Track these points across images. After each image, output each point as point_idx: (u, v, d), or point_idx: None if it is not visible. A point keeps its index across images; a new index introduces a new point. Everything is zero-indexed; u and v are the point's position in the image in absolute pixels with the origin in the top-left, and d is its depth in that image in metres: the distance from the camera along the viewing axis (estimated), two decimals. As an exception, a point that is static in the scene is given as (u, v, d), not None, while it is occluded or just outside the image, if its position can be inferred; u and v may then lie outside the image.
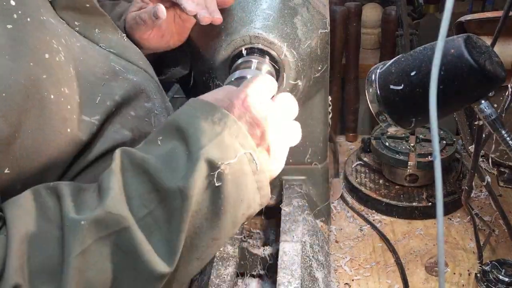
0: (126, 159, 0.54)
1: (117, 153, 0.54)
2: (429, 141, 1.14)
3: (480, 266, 0.91)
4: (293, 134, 0.64)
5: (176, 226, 0.52)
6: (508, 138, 0.63)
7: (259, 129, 0.58)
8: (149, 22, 0.78)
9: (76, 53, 0.61)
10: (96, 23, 0.68)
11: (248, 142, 0.56)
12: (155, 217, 0.52)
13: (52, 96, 0.55)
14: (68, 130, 0.57)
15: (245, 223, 0.96)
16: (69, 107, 0.57)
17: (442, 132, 1.18)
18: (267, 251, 0.93)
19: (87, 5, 0.65)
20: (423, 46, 0.66)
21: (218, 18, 0.74)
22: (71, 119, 0.57)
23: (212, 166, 0.53)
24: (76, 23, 0.65)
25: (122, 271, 0.51)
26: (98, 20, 0.68)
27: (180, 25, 0.84)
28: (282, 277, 0.79)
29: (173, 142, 0.55)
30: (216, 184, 0.53)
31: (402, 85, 0.64)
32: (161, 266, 0.51)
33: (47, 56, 0.55)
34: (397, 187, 1.16)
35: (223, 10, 0.80)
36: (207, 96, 0.59)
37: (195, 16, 0.73)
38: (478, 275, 0.85)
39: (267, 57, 0.77)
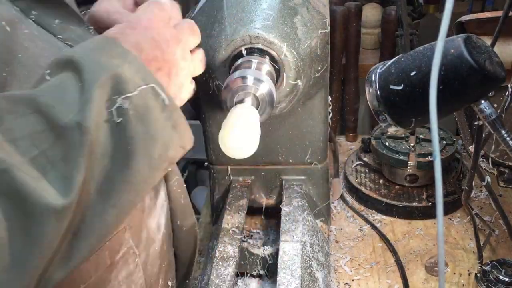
0: (6, 100, 0.49)
1: None
2: (429, 141, 1.14)
3: (480, 266, 0.91)
4: (197, 61, 0.65)
5: (74, 161, 0.48)
6: (508, 138, 0.63)
7: (159, 51, 0.57)
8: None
9: (20, 39, 0.59)
10: (57, 14, 0.66)
11: (150, 76, 0.53)
12: (49, 156, 0.48)
13: None
14: None
15: (245, 223, 0.97)
16: None
17: (442, 132, 1.18)
18: (267, 251, 0.94)
19: None
20: (423, 46, 0.66)
21: None
22: None
23: (111, 102, 0.50)
24: (33, 12, 0.63)
25: (9, 214, 0.46)
26: (59, 11, 0.66)
27: None
28: (282, 277, 0.79)
29: (65, 74, 0.51)
30: (117, 120, 0.50)
31: (402, 85, 0.64)
32: (54, 198, 0.47)
33: None
34: (397, 187, 1.16)
35: (222, 10, 0.80)
36: (108, 32, 0.59)
37: None
38: (478, 275, 0.85)
39: (267, 57, 0.77)
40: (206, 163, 1.05)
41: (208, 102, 0.91)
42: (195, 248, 0.88)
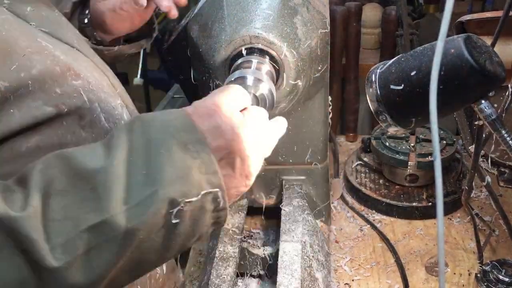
0: (66, 175, 0.49)
1: (53, 159, 0.50)
2: (429, 141, 1.14)
3: (480, 266, 0.91)
4: (266, 146, 0.61)
5: (105, 263, 0.48)
6: (508, 138, 0.63)
7: (223, 139, 0.54)
8: (131, 11, 0.86)
9: None
10: (28, 1, 0.67)
11: (216, 179, 0.52)
12: (86, 253, 0.47)
13: None
14: None
15: (245, 223, 0.97)
16: None
17: (442, 132, 1.18)
18: (267, 251, 0.93)
19: None
20: (423, 46, 0.66)
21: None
22: None
23: (173, 204, 0.49)
24: (5, 1, 0.64)
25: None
26: None
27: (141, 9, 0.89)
28: (282, 277, 0.79)
29: (137, 159, 0.50)
30: (173, 221, 0.50)
31: (402, 85, 0.64)
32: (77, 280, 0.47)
33: None
34: (397, 187, 1.16)
35: (222, 10, 0.80)
36: (187, 109, 0.56)
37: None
38: (478, 275, 0.85)
39: (267, 57, 0.77)
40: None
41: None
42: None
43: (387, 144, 1.14)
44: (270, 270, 0.93)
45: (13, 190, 0.49)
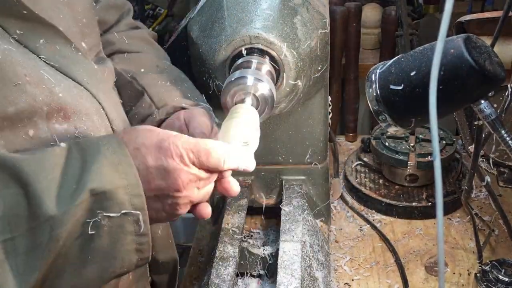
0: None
1: None
2: (429, 141, 1.14)
3: (480, 266, 0.91)
4: (203, 194, 0.63)
5: (34, 263, 0.51)
6: (508, 138, 0.63)
7: (164, 182, 0.57)
8: None
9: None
10: (42, 34, 0.64)
11: (140, 202, 0.55)
12: (17, 244, 0.50)
13: None
14: None
15: (245, 223, 0.97)
16: None
17: (442, 132, 1.19)
18: (267, 251, 0.93)
19: (24, 12, 0.62)
20: (423, 46, 0.66)
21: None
22: None
23: (92, 214, 0.52)
24: (17, 31, 0.61)
25: None
26: (45, 30, 0.65)
27: None
28: (282, 277, 0.79)
29: (73, 159, 0.54)
30: (90, 232, 0.52)
31: (402, 85, 0.64)
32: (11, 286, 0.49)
33: None
34: (397, 187, 1.16)
35: (222, 10, 0.80)
36: (129, 138, 0.58)
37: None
38: (478, 275, 0.85)
39: (267, 57, 0.77)
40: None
41: (208, 102, 0.91)
42: (175, 277, 0.88)
43: (387, 144, 1.14)
44: (270, 270, 0.93)
45: None
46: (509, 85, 0.76)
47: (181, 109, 0.78)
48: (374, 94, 0.67)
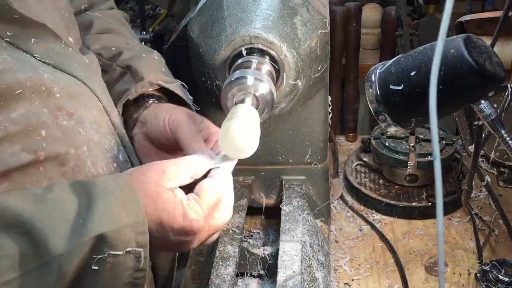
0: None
1: None
2: (429, 141, 1.14)
3: (480, 266, 0.91)
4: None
5: None
6: (508, 138, 0.63)
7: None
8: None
9: None
10: (32, 33, 0.65)
11: (144, 240, 0.56)
12: (22, 283, 0.50)
13: None
14: None
15: (245, 223, 0.97)
16: None
17: (442, 132, 1.19)
18: (267, 251, 0.93)
19: (15, 16, 0.62)
20: (423, 46, 0.66)
21: None
22: None
23: (99, 250, 0.53)
24: (8, 33, 0.62)
25: None
26: (35, 30, 0.65)
27: None
28: (282, 277, 0.79)
29: (73, 201, 0.54)
30: (93, 267, 0.53)
31: (402, 85, 0.64)
32: None
33: None
34: (397, 187, 1.16)
35: (222, 10, 0.80)
36: (138, 180, 0.60)
37: None
38: (478, 275, 0.85)
39: (267, 57, 0.77)
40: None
41: (208, 102, 0.91)
42: (174, 262, 0.89)
43: (387, 144, 1.14)
44: (270, 270, 0.93)
45: None
46: (509, 85, 0.76)
47: (158, 87, 0.82)
48: (374, 94, 0.67)
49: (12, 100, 0.58)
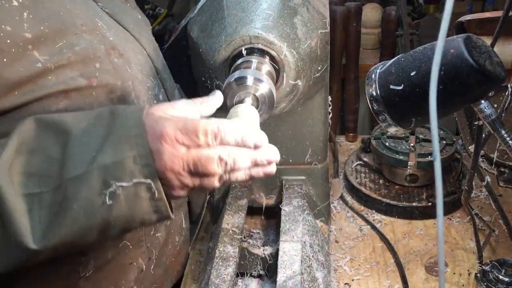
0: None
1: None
2: (429, 141, 1.14)
3: (480, 266, 0.91)
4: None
5: (58, 219, 0.56)
6: (508, 138, 0.63)
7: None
8: None
9: (64, 2, 0.69)
10: None
11: (149, 171, 0.57)
12: (43, 199, 0.56)
13: None
14: (5, 60, 0.61)
15: (245, 223, 0.97)
16: (8, 41, 0.61)
17: (442, 132, 1.18)
18: (267, 251, 0.93)
19: None
20: (423, 46, 0.66)
21: None
22: (8, 52, 0.61)
23: (106, 183, 0.57)
24: None
25: None
26: None
27: None
28: (282, 277, 0.79)
29: (100, 136, 0.58)
30: (107, 202, 0.57)
31: (402, 85, 0.65)
32: (29, 241, 0.55)
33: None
34: (397, 187, 1.16)
35: (222, 10, 0.80)
36: (152, 114, 0.61)
37: None
38: (478, 275, 0.85)
39: (267, 57, 0.77)
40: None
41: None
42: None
43: (387, 144, 1.14)
44: (270, 270, 0.93)
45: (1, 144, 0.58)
46: (509, 85, 0.76)
47: None
48: (374, 94, 0.67)
49: (74, 37, 0.67)
